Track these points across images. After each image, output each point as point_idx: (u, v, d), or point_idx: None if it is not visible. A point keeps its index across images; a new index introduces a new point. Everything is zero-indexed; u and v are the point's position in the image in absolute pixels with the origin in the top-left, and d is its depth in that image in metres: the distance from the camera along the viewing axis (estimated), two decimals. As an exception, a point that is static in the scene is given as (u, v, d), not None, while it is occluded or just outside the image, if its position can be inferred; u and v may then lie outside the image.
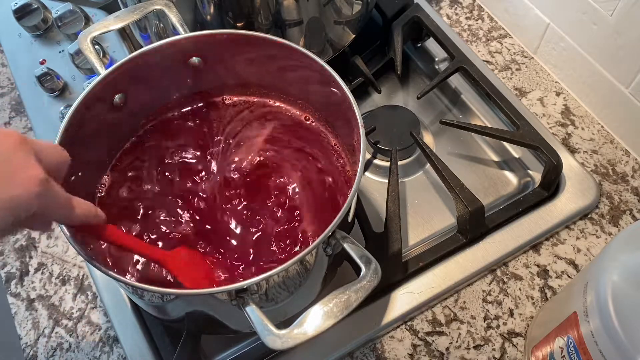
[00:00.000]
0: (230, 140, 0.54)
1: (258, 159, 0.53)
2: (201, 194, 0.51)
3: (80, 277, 0.59)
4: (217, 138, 0.54)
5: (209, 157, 0.53)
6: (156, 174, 0.52)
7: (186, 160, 0.53)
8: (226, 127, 0.55)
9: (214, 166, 0.52)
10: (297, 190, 0.51)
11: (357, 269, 0.40)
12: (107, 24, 0.51)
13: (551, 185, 0.60)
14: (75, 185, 0.46)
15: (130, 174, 0.51)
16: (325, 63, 0.48)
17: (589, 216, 0.60)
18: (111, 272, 0.38)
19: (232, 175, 0.52)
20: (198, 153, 0.53)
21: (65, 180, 0.38)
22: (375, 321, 0.54)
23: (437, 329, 0.55)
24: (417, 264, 0.56)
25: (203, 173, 0.52)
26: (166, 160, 0.53)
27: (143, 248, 0.42)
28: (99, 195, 0.50)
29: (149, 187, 0.51)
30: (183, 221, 0.49)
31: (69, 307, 0.57)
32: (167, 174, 0.52)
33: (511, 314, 0.55)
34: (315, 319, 0.36)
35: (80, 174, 0.46)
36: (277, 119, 0.55)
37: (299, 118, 0.55)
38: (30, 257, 0.60)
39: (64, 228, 0.40)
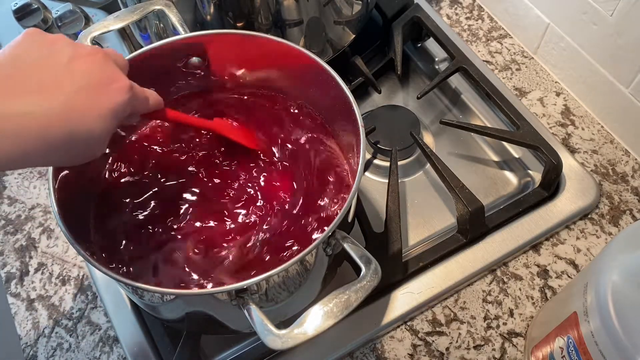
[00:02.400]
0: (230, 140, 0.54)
1: (257, 156, 0.53)
2: (201, 194, 0.51)
3: (80, 277, 0.59)
4: (216, 137, 0.54)
5: (208, 155, 0.53)
6: (156, 174, 0.52)
7: (186, 160, 0.53)
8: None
9: (213, 163, 0.52)
10: (296, 190, 0.51)
11: (357, 269, 0.40)
12: (107, 24, 0.51)
13: (551, 185, 0.60)
14: (75, 183, 0.46)
15: (130, 173, 0.51)
16: (325, 63, 0.48)
17: (589, 216, 0.60)
18: (111, 272, 0.38)
19: (231, 175, 0.52)
20: (198, 151, 0.53)
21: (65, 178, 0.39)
22: (375, 321, 0.54)
23: (437, 329, 0.55)
24: (417, 264, 0.56)
25: (202, 170, 0.52)
26: (166, 160, 0.52)
27: (196, 121, 0.51)
28: (99, 194, 0.50)
29: (149, 186, 0.51)
30: (181, 217, 0.49)
31: (69, 307, 0.57)
32: (167, 173, 0.52)
33: (511, 314, 0.55)
34: (315, 319, 0.36)
35: (80, 172, 0.46)
36: (277, 118, 0.55)
37: (298, 118, 0.55)
38: (30, 257, 0.60)
39: (64, 228, 0.40)
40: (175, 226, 0.49)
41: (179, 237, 0.48)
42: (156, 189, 0.51)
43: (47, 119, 0.32)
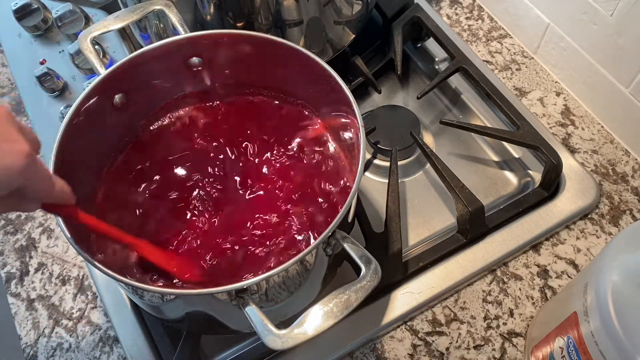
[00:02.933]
0: (230, 139, 0.54)
1: (258, 158, 0.53)
2: (200, 193, 0.51)
3: (80, 277, 0.59)
4: (217, 138, 0.54)
5: (208, 155, 0.53)
6: (156, 173, 0.52)
7: (186, 159, 0.53)
8: (226, 127, 0.54)
9: (213, 163, 0.52)
10: (296, 190, 0.51)
11: (357, 269, 0.40)
12: (107, 24, 0.51)
13: (551, 185, 0.60)
14: (75, 183, 0.46)
15: (129, 173, 0.51)
16: (325, 63, 0.48)
17: (589, 216, 0.60)
18: (111, 272, 0.38)
19: (230, 175, 0.52)
20: (197, 151, 0.53)
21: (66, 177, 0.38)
22: (375, 321, 0.54)
23: (437, 329, 0.55)
24: (417, 264, 0.56)
25: (202, 172, 0.52)
26: (166, 160, 0.52)
27: (114, 233, 0.43)
28: (99, 193, 0.50)
29: (148, 186, 0.51)
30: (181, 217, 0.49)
31: (69, 307, 0.57)
32: (166, 173, 0.52)
33: (511, 314, 0.55)
34: (315, 319, 0.36)
35: (80, 172, 0.46)
36: (277, 118, 0.55)
37: (298, 118, 0.55)
38: (30, 257, 0.60)
39: (64, 228, 0.40)
40: (176, 227, 0.49)
41: (180, 238, 0.48)
42: (157, 189, 0.51)
43: None
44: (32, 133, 0.35)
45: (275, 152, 0.53)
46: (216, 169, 0.52)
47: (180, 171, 0.52)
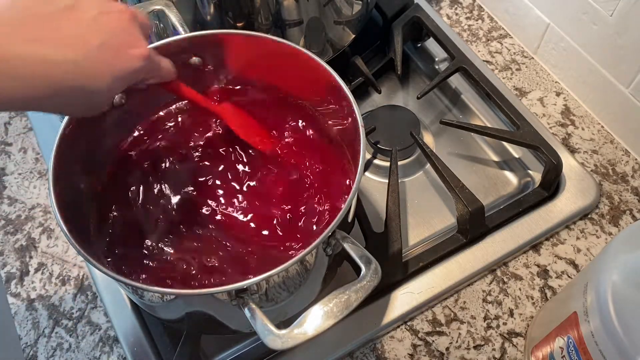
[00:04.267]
0: (229, 139, 0.54)
1: (257, 157, 0.53)
2: (200, 192, 0.51)
3: (80, 277, 0.59)
4: (217, 138, 0.54)
5: (208, 155, 0.53)
6: (156, 173, 0.52)
7: (186, 159, 0.53)
8: (226, 127, 0.54)
9: (213, 163, 0.52)
10: (296, 190, 0.51)
11: (357, 269, 0.40)
12: (107, 24, 0.51)
13: (551, 185, 0.60)
14: (75, 182, 0.46)
15: (129, 173, 0.51)
16: (326, 63, 0.48)
17: (589, 216, 0.60)
18: (111, 272, 0.38)
19: (230, 174, 0.52)
20: (198, 152, 0.53)
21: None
22: (375, 321, 0.54)
23: (437, 329, 0.55)
24: (417, 264, 0.56)
25: (201, 170, 0.52)
26: (166, 160, 0.53)
27: (204, 102, 0.50)
28: (99, 192, 0.50)
29: (148, 186, 0.51)
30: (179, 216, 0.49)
31: (69, 307, 0.57)
32: (166, 173, 0.52)
33: (511, 314, 0.55)
34: (315, 319, 0.36)
35: (80, 172, 0.46)
36: (277, 118, 0.55)
37: (298, 118, 0.55)
38: (30, 257, 0.60)
39: (64, 228, 0.40)
40: (176, 227, 0.49)
41: (180, 237, 0.48)
42: (158, 190, 0.51)
43: (64, 69, 0.33)
44: (145, 22, 0.40)
45: (273, 150, 0.53)
46: (216, 169, 0.52)
47: (180, 171, 0.52)
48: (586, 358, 0.39)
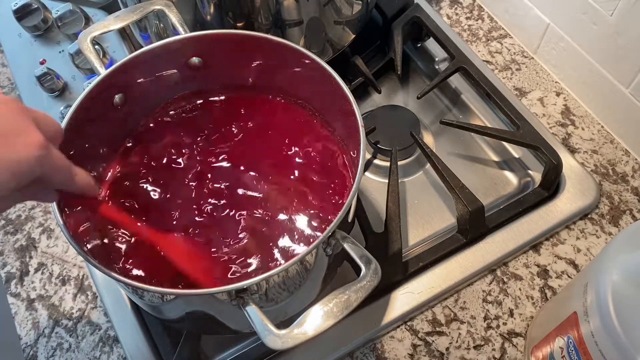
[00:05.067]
0: (230, 139, 0.54)
1: (257, 157, 0.53)
2: (200, 192, 0.51)
3: (80, 277, 0.59)
4: (217, 138, 0.54)
5: (208, 157, 0.53)
6: (156, 173, 0.52)
7: (186, 159, 0.53)
8: (226, 127, 0.55)
9: (213, 164, 0.52)
10: (295, 189, 0.51)
11: (357, 269, 0.40)
12: (107, 24, 0.51)
13: (551, 185, 0.60)
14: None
15: (129, 173, 0.51)
16: (326, 63, 0.48)
17: (589, 216, 0.60)
18: (111, 272, 0.38)
19: (230, 174, 0.52)
20: (198, 152, 0.53)
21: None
22: (375, 321, 0.54)
23: (437, 329, 0.55)
24: (417, 264, 0.56)
25: (201, 171, 0.52)
26: (166, 160, 0.53)
27: (136, 227, 0.43)
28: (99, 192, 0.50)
29: (148, 185, 0.51)
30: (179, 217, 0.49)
31: (69, 307, 0.57)
32: (166, 172, 0.52)
33: (511, 314, 0.55)
34: (315, 319, 0.36)
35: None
36: (277, 118, 0.55)
37: (298, 118, 0.55)
38: (30, 257, 0.60)
39: (64, 228, 0.40)
40: (176, 226, 0.49)
41: (180, 237, 0.48)
42: (160, 190, 0.51)
43: None
44: (52, 122, 0.36)
45: (275, 151, 0.53)
46: (216, 168, 0.52)
47: (180, 171, 0.52)
48: (586, 358, 0.39)
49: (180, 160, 0.53)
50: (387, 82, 0.72)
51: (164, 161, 0.53)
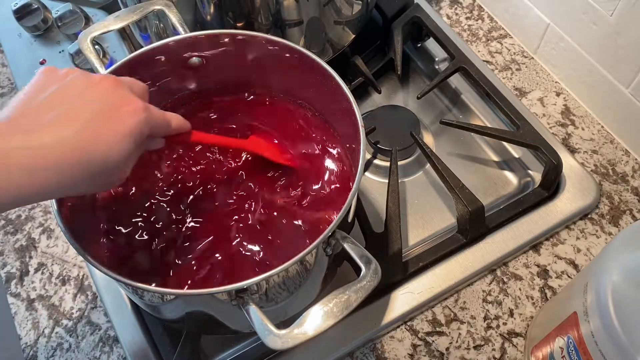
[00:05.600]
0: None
1: (257, 157, 0.53)
2: (199, 192, 0.51)
3: (80, 277, 0.59)
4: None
5: (208, 157, 0.53)
6: (155, 173, 0.52)
7: (185, 159, 0.53)
8: (226, 127, 0.55)
9: (213, 164, 0.52)
10: (296, 189, 0.51)
11: (357, 269, 0.40)
12: (107, 24, 0.51)
13: (551, 185, 0.60)
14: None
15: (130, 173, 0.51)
16: (326, 63, 0.48)
17: (589, 216, 0.60)
18: (111, 272, 0.38)
19: (230, 174, 0.52)
20: (197, 151, 0.53)
21: None
22: (375, 321, 0.54)
23: (437, 329, 0.55)
24: (417, 264, 0.56)
25: (201, 171, 0.52)
26: (166, 160, 0.53)
27: (225, 141, 0.50)
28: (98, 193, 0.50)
29: (148, 185, 0.51)
30: (177, 217, 0.49)
31: (69, 307, 0.57)
32: (166, 172, 0.52)
33: (511, 314, 0.55)
34: (315, 319, 0.36)
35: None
36: (277, 118, 0.55)
37: (299, 118, 0.55)
38: (30, 257, 0.60)
39: (64, 228, 0.40)
40: (177, 226, 0.49)
41: (182, 237, 0.48)
42: (161, 191, 0.51)
43: (59, 149, 0.32)
44: (139, 84, 0.40)
45: (274, 150, 0.53)
46: (216, 168, 0.52)
47: (179, 171, 0.52)
48: (586, 358, 0.39)
49: (179, 159, 0.53)
50: (387, 82, 0.72)
51: (164, 161, 0.53)
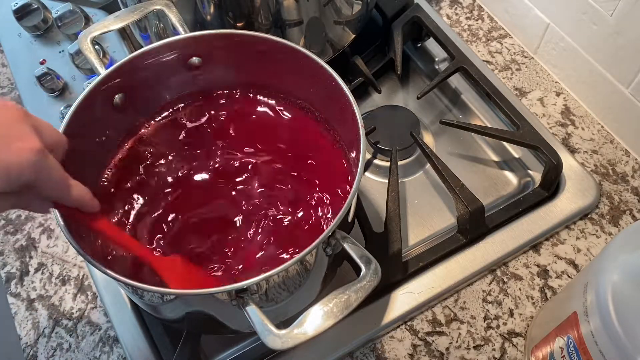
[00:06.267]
0: (230, 140, 0.54)
1: (258, 158, 0.53)
2: (199, 191, 0.51)
3: (80, 277, 0.59)
4: (217, 137, 0.54)
5: (208, 157, 0.53)
6: (156, 173, 0.52)
7: (185, 159, 0.53)
8: (226, 127, 0.55)
9: (213, 165, 0.52)
10: (296, 189, 0.51)
11: (357, 269, 0.40)
12: (107, 24, 0.51)
13: (551, 185, 0.60)
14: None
15: (129, 173, 0.51)
16: (326, 63, 0.48)
17: (589, 216, 0.60)
18: (111, 272, 0.38)
19: (231, 174, 0.52)
20: (197, 152, 0.53)
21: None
22: (375, 321, 0.54)
23: (437, 329, 0.55)
24: (417, 264, 0.56)
25: (202, 172, 0.52)
26: (166, 160, 0.53)
27: (134, 246, 0.42)
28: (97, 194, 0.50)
29: (148, 185, 0.51)
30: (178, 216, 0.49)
31: (69, 307, 0.57)
32: (166, 172, 0.52)
33: (511, 314, 0.55)
34: (315, 319, 0.36)
35: (80, 172, 0.46)
36: (277, 118, 0.55)
37: (298, 118, 0.55)
38: (30, 257, 0.60)
39: (64, 228, 0.40)
40: (178, 227, 0.49)
41: (182, 237, 0.48)
42: (161, 190, 0.51)
43: None
44: (55, 132, 0.36)
45: (274, 151, 0.53)
46: (216, 169, 0.52)
47: (179, 171, 0.52)
48: (586, 358, 0.39)
49: (180, 160, 0.53)
50: (387, 82, 0.72)
51: (163, 161, 0.53)
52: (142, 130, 0.54)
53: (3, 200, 0.33)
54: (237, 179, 0.52)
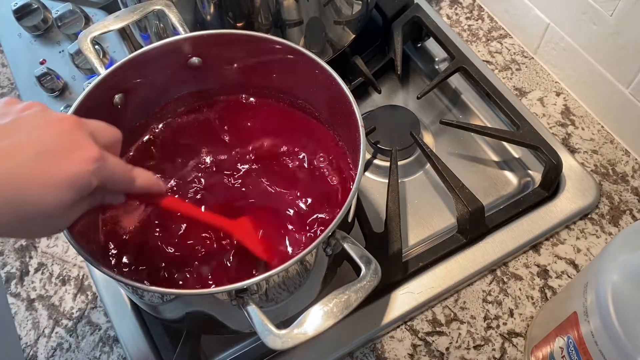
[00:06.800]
0: (230, 140, 0.54)
1: (258, 158, 0.53)
2: (199, 191, 0.51)
3: (80, 277, 0.59)
4: (217, 138, 0.54)
5: (208, 157, 0.53)
6: (156, 173, 0.52)
7: (185, 159, 0.53)
8: (226, 127, 0.55)
9: (213, 165, 0.52)
10: (295, 189, 0.51)
11: (357, 269, 0.40)
12: (107, 24, 0.51)
13: (551, 185, 0.60)
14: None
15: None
16: (325, 63, 0.48)
17: (589, 216, 0.60)
18: (111, 272, 0.38)
19: (231, 174, 0.52)
20: (197, 152, 0.53)
21: None
22: (375, 321, 0.54)
23: (437, 329, 0.55)
24: (417, 264, 0.56)
25: (202, 172, 0.52)
26: (166, 160, 0.53)
27: (204, 216, 0.46)
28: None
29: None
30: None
31: (69, 307, 0.57)
32: (166, 173, 0.52)
33: (511, 314, 0.55)
34: (315, 319, 0.36)
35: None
36: (277, 118, 0.55)
37: (298, 118, 0.55)
38: (30, 257, 0.60)
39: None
40: (179, 228, 0.49)
41: (183, 237, 0.48)
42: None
43: None
44: (109, 130, 0.38)
45: (274, 151, 0.53)
46: (216, 169, 0.52)
47: (179, 171, 0.52)
48: (586, 358, 0.39)
49: (179, 160, 0.53)
50: (387, 82, 0.72)
51: (163, 162, 0.53)
52: (142, 130, 0.54)
53: (79, 205, 0.35)
54: (236, 180, 0.52)
